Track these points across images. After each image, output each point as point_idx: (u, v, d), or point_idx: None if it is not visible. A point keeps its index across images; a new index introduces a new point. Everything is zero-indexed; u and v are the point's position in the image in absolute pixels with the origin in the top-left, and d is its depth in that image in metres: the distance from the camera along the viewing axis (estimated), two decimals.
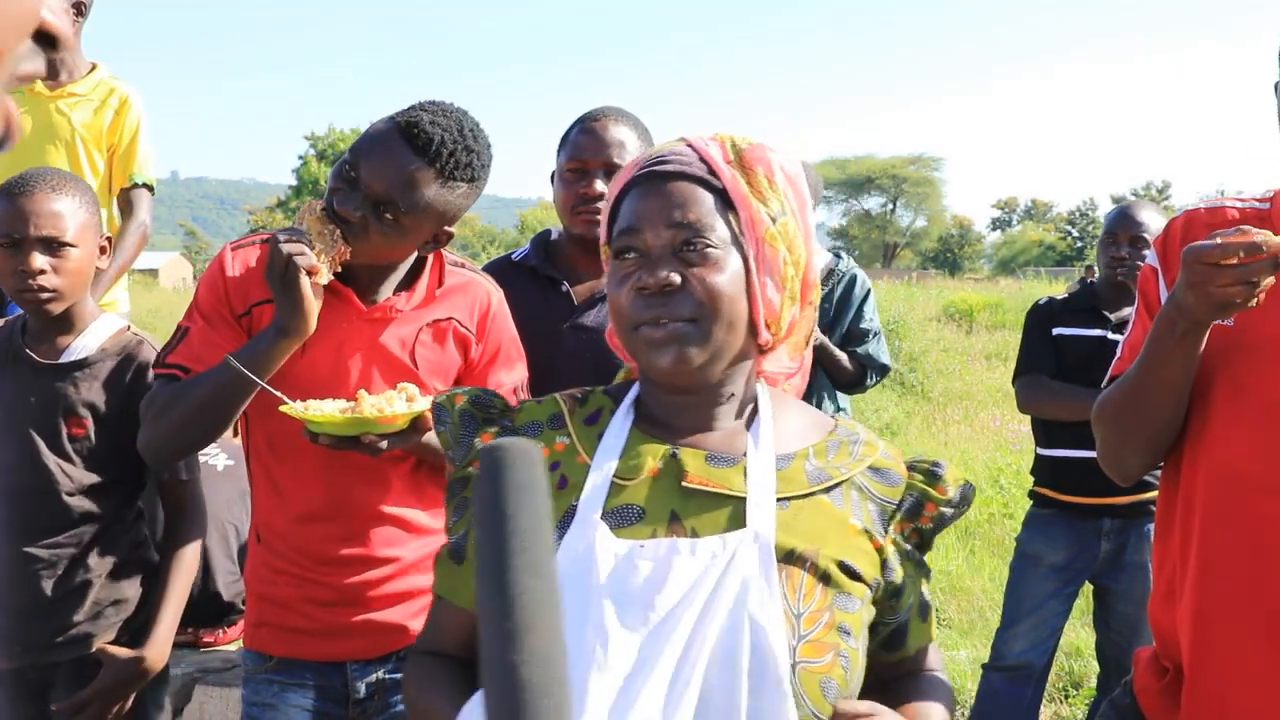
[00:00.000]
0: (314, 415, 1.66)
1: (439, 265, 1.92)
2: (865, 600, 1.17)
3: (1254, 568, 1.51)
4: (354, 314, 1.85)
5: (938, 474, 1.24)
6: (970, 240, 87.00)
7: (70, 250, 2.06)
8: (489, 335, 1.96)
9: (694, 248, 1.15)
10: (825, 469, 1.21)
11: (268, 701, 1.90)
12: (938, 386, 13.40)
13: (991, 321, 18.85)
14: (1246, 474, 1.52)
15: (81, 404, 2.11)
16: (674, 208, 1.15)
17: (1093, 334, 3.31)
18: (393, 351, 1.86)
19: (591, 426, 1.25)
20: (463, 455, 1.26)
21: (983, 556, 6.06)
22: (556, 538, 1.14)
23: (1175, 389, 1.56)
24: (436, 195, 1.76)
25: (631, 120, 2.33)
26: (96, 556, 2.13)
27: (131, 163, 3.53)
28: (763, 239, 1.18)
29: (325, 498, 1.86)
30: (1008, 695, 3.38)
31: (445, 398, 1.31)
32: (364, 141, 1.77)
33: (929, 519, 1.23)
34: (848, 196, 75.02)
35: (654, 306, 1.14)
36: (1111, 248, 3.29)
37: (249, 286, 1.84)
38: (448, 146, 1.74)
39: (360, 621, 1.90)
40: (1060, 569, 3.33)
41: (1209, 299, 1.41)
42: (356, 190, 1.74)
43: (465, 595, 1.23)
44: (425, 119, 1.74)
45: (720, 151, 1.20)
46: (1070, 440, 3.25)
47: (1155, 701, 1.67)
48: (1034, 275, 40.97)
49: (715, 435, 1.22)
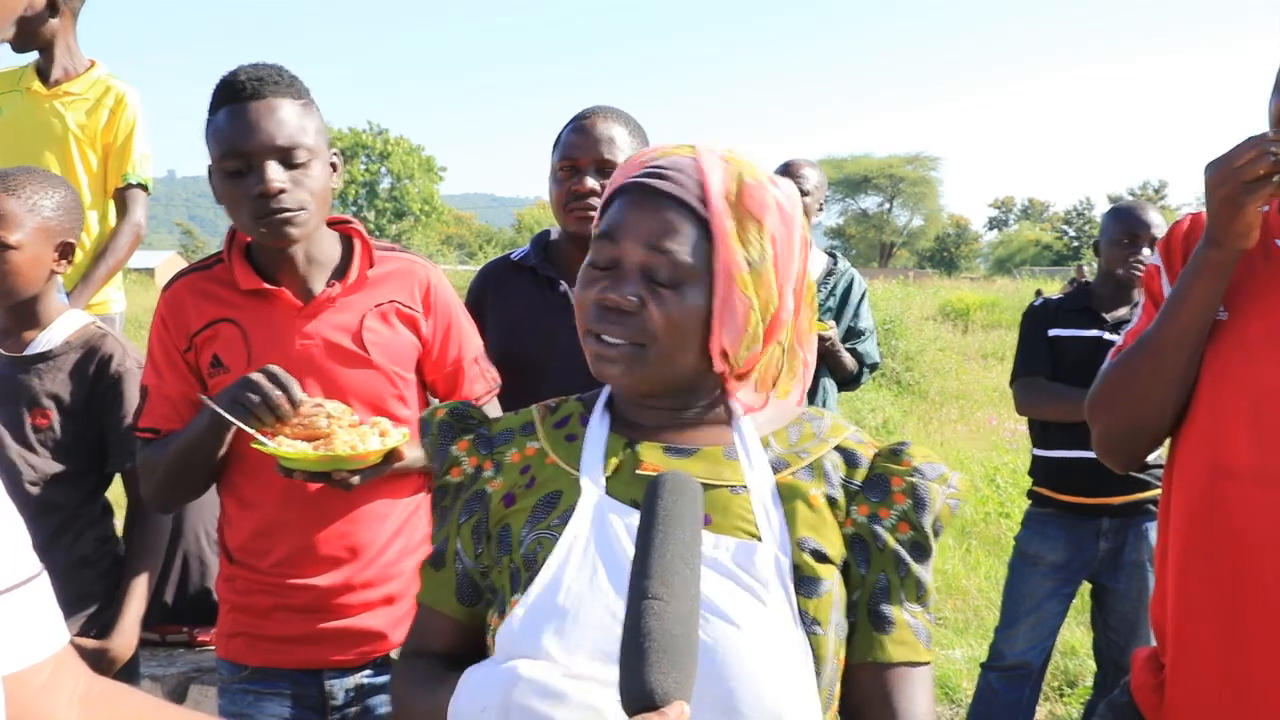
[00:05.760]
0: (288, 452, 1.67)
1: (366, 249, 1.93)
2: (835, 580, 1.14)
3: (1237, 557, 1.52)
4: (291, 312, 1.86)
5: (899, 450, 1.20)
6: (967, 239, 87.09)
7: (11, 253, 2.09)
8: (436, 310, 1.97)
9: (661, 274, 1.15)
10: (785, 455, 1.21)
11: (244, 711, 1.89)
12: (934, 386, 13.41)
13: (988, 321, 18.89)
14: (1231, 465, 1.54)
15: (45, 395, 2.15)
16: (656, 232, 1.14)
17: (1089, 334, 3.30)
18: (338, 341, 1.86)
19: (560, 429, 1.27)
20: (442, 464, 1.29)
21: (979, 556, 6.06)
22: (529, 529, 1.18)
23: (1192, 336, 1.57)
24: (312, 119, 1.81)
25: (623, 118, 2.34)
26: (61, 549, 2.13)
27: (126, 162, 3.52)
28: (732, 280, 1.16)
29: (293, 505, 1.86)
30: (1005, 695, 3.39)
31: (428, 412, 1.34)
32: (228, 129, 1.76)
33: (901, 494, 1.17)
34: (844, 196, 75.02)
35: (606, 321, 1.15)
36: (1130, 248, 3.27)
37: (185, 319, 1.87)
38: (277, 75, 1.79)
39: (336, 628, 1.88)
40: (1059, 568, 3.33)
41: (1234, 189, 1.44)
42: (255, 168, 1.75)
43: (448, 600, 1.25)
44: (240, 75, 1.78)
45: (723, 179, 1.16)
46: (1067, 441, 3.25)
47: (1151, 698, 1.68)
48: (1030, 275, 40.99)
49: (675, 430, 1.23)
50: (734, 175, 1.17)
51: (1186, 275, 1.57)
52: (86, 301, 3.34)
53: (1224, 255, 1.52)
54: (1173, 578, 1.62)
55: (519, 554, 1.17)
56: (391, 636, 1.92)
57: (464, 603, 1.24)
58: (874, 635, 1.15)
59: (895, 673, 1.15)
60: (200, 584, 3.15)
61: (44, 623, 0.89)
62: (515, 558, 1.17)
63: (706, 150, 1.20)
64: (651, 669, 0.86)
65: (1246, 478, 1.52)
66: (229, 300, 1.87)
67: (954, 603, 5.36)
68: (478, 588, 1.23)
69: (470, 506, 1.25)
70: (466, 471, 1.27)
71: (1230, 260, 1.53)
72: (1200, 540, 1.58)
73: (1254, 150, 1.44)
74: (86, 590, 2.19)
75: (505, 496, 1.23)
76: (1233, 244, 1.50)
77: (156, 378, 1.89)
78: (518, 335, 2.32)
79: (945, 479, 1.19)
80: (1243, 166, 1.44)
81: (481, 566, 1.22)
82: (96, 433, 2.21)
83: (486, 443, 1.29)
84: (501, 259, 2.53)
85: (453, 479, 1.28)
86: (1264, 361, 1.53)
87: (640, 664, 0.86)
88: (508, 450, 1.27)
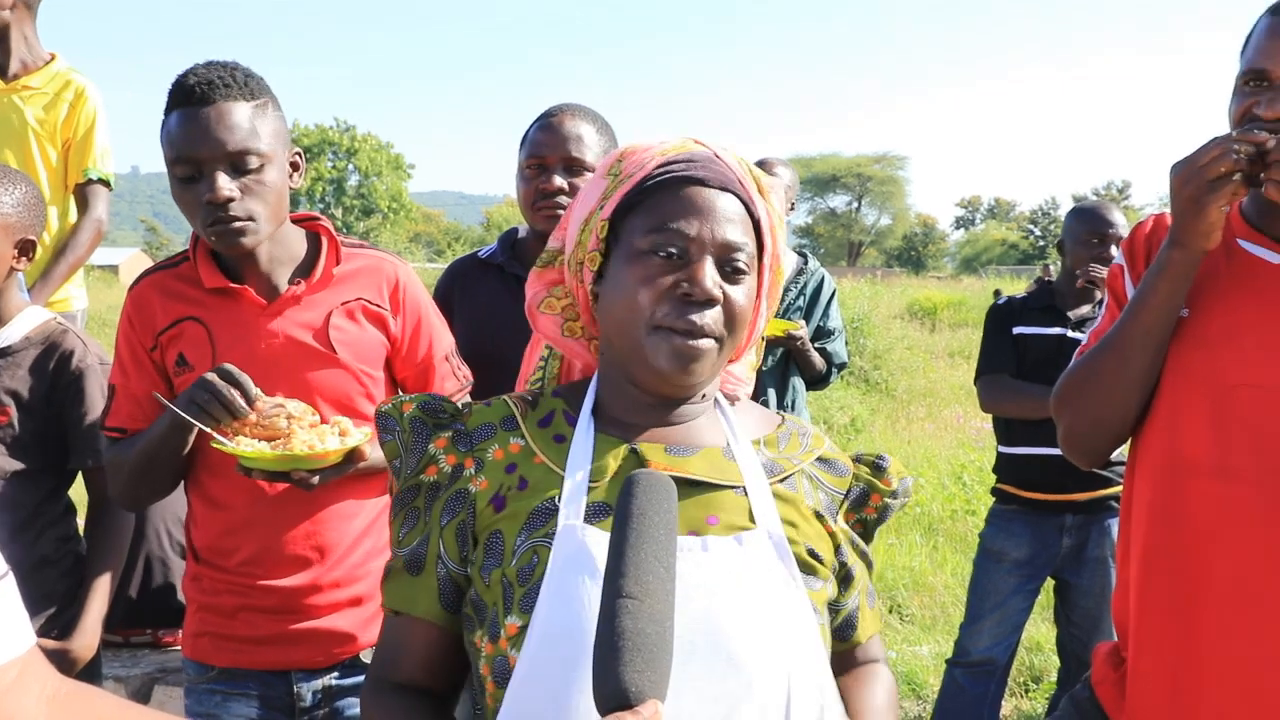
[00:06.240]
0: (245, 451, 1.66)
1: (334, 247, 1.92)
2: (829, 581, 1.21)
3: (1196, 552, 1.55)
4: (256, 310, 1.84)
5: (882, 466, 1.30)
6: (934, 239, 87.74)
7: None
8: (405, 308, 1.95)
9: (739, 263, 1.16)
10: (777, 460, 1.24)
11: (211, 712, 1.88)
12: (901, 384, 13.51)
13: (955, 319, 19.02)
14: (1190, 459, 1.57)
15: (4, 391, 2.11)
16: (725, 222, 1.15)
17: (1052, 333, 3.33)
18: (303, 340, 1.85)
19: (545, 428, 1.22)
20: (415, 462, 1.22)
21: (945, 552, 6.11)
22: (524, 537, 1.13)
23: (1155, 335, 1.60)
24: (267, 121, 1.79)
25: (590, 115, 2.33)
26: (21, 548, 2.09)
27: (87, 157, 3.47)
28: (779, 266, 1.23)
29: (260, 505, 1.85)
30: (971, 690, 3.41)
31: (392, 406, 1.26)
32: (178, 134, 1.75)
33: (874, 509, 1.29)
34: (813, 195, 75.36)
35: (688, 316, 1.13)
36: (1098, 248, 3.30)
37: (151, 317, 1.86)
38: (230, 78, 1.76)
39: (305, 629, 1.87)
40: (1023, 565, 3.36)
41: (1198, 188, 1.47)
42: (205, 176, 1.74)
43: (429, 606, 1.18)
44: (190, 78, 1.75)
45: (744, 171, 1.20)
46: (1031, 438, 3.28)
47: (1111, 692, 1.70)
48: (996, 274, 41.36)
49: (674, 431, 1.22)
50: (745, 167, 1.21)
51: (1150, 275, 1.59)
52: (47, 299, 3.29)
53: (1188, 255, 1.54)
54: (1135, 573, 1.64)
55: (511, 567, 1.12)
56: (360, 638, 1.90)
57: (447, 609, 1.18)
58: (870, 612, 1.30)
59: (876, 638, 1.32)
60: (163, 584, 3.11)
61: (10, 624, 0.88)
62: (508, 570, 1.12)
63: (714, 144, 1.21)
64: (626, 668, 0.85)
65: (1206, 473, 1.54)
66: (194, 299, 1.85)
67: (920, 599, 5.40)
68: (461, 592, 1.18)
69: (452, 507, 1.18)
70: (444, 470, 1.20)
71: (1194, 261, 1.55)
72: (1161, 535, 1.60)
73: (1218, 149, 1.47)
74: (48, 590, 2.16)
75: (494, 499, 1.17)
76: (1196, 244, 1.53)
77: (123, 377, 1.88)
78: (486, 332, 2.31)
79: (908, 492, 1.33)
80: (1207, 165, 1.47)
81: (466, 571, 1.17)
82: (57, 430, 2.18)
83: (465, 439, 1.22)
84: (469, 257, 2.52)
85: (427, 478, 1.21)
86: (1224, 359, 1.56)
87: (615, 663, 0.86)
88: (489, 446, 1.20)
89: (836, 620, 1.26)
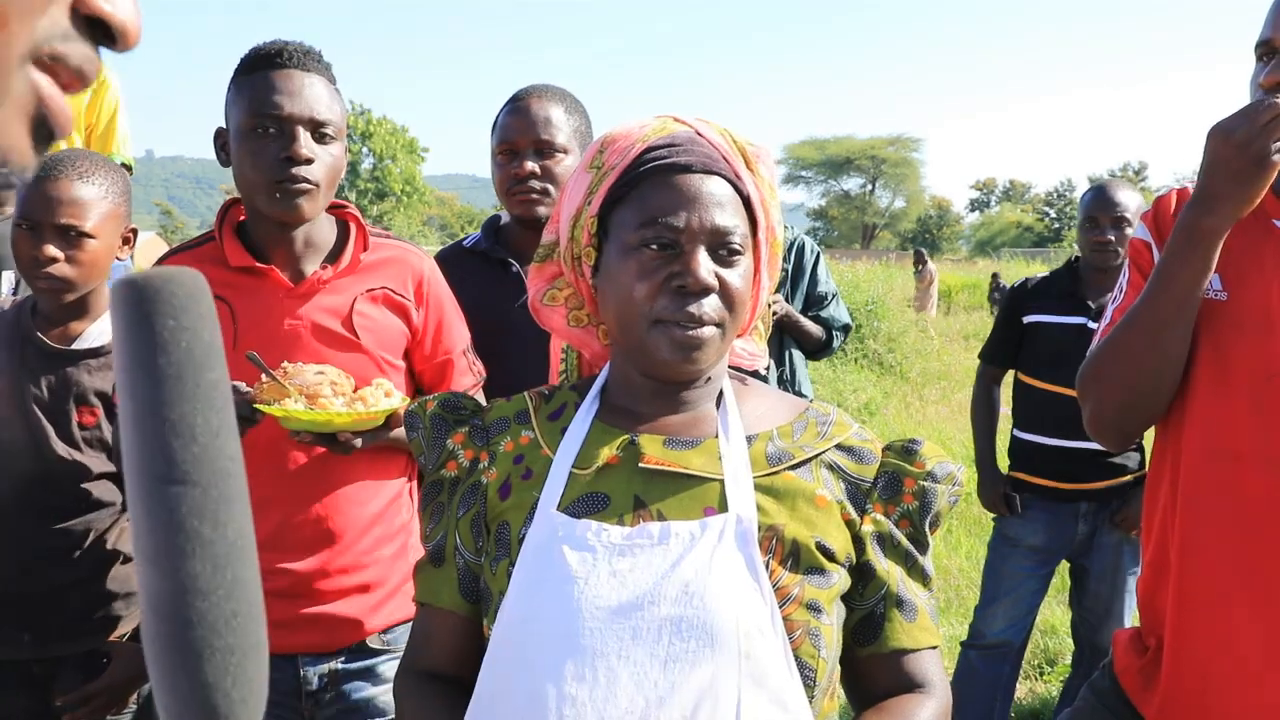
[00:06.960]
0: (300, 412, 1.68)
1: (362, 234, 1.93)
2: (841, 575, 1.15)
3: (1237, 541, 1.51)
4: (281, 292, 1.85)
5: (913, 449, 1.21)
6: (949, 221, 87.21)
7: (88, 241, 1.96)
8: (429, 301, 1.97)
9: (733, 246, 1.14)
10: (789, 449, 1.20)
11: None
12: (915, 367, 13.46)
13: (969, 302, 18.96)
14: (1230, 447, 1.52)
15: (93, 392, 2.04)
16: (714, 207, 1.13)
17: (1071, 322, 3.16)
18: (327, 325, 1.86)
19: (555, 421, 1.24)
20: (436, 458, 1.26)
21: (959, 535, 6.11)
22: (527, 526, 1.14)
23: (1188, 306, 1.53)
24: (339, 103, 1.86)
25: (559, 95, 2.30)
26: (108, 547, 2.06)
27: (109, 143, 3.51)
28: (775, 242, 1.21)
29: (273, 484, 1.85)
30: (985, 673, 3.40)
31: (417, 405, 1.30)
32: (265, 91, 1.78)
33: (911, 495, 1.19)
34: (827, 177, 75.01)
35: (686, 307, 1.12)
36: (1094, 231, 3.13)
37: None
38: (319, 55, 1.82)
39: (312, 614, 1.88)
40: (1038, 550, 3.33)
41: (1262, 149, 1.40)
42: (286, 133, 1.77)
43: (451, 596, 1.22)
44: (283, 44, 1.81)
45: (729, 146, 1.18)
46: (1045, 428, 3.23)
47: (1135, 680, 1.67)
48: (1010, 257, 41.13)
49: (677, 420, 1.21)
50: (729, 139, 1.19)
51: (1179, 247, 1.50)
52: None
53: (1223, 225, 1.47)
54: (1175, 563, 1.58)
55: (517, 555, 1.13)
56: (367, 624, 1.92)
57: (468, 598, 1.21)
58: (901, 624, 1.18)
59: (920, 656, 1.19)
60: None
61: None
62: (514, 559, 1.14)
63: (694, 120, 1.20)
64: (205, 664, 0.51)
65: (1251, 461, 1.49)
66: (217, 278, 1.84)
67: (935, 583, 5.41)
68: (479, 582, 1.21)
69: (467, 500, 1.22)
70: (463, 465, 1.24)
71: (1225, 228, 1.47)
72: (1205, 524, 1.55)
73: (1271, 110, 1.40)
74: (134, 589, 2.12)
75: (501, 488, 1.20)
76: (1239, 212, 1.45)
77: None
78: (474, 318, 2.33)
79: (952, 478, 1.21)
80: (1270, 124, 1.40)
81: (481, 560, 1.20)
82: None
83: (482, 434, 1.26)
84: (454, 245, 2.54)
85: (448, 473, 1.25)
86: (1266, 344, 1.50)
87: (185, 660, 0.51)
88: (502, 439, 1.24)
89: (852, 620, 1.18)
